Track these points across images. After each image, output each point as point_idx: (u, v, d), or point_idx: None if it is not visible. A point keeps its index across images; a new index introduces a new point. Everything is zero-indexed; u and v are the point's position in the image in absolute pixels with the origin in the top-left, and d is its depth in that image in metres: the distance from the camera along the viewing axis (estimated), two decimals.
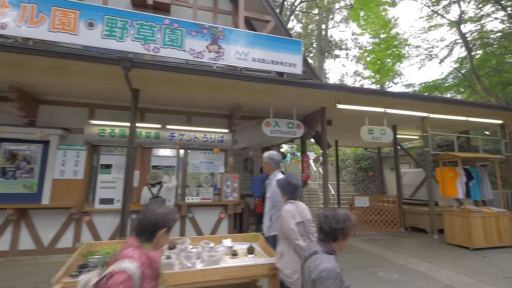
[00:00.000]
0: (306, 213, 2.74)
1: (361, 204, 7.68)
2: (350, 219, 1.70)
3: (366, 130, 6.61)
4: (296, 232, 2.56)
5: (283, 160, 22.75)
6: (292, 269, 2.53)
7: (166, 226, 1.62)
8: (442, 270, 4.81)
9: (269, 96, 5.77)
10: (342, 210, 1.74)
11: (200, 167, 6.38)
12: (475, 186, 7.09)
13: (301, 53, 5.72)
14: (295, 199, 2.78)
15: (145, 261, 1.52)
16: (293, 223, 2.58)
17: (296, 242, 2.53)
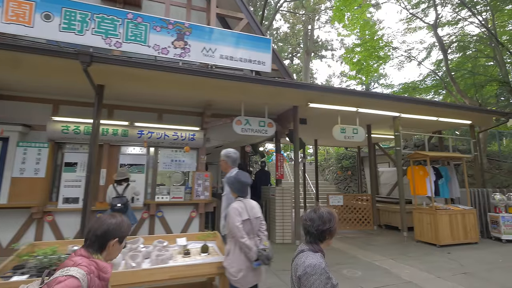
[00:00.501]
0: (255, 211, 2.70)
1: (335, 202, 7.76)
2: (334, 216, 1.69)
3: (338, 129, 6.67)
4: (241, 230, 2.52)
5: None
6: (237, 268, 2.50)
7: (117, 236, 1.56)
8: (406, 266, 4.89)
9: (240, 94, 5.74)
10: (325, 209, 1.70)
11: (171, 166, 6.28)
12: (444, 184, 7.27)
13: (270, 51, 5.71)
14: (245, 197, 2.74)
15: (94, 270, 1.46)
16: (238, 221, 2.55)
17: (241, 240, 2.50)
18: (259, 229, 2.72)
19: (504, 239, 6.71)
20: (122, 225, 1.59)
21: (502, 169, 10.87)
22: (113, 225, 1.56)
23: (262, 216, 2.87)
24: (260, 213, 2.75)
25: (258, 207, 2.78)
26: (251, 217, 2.63)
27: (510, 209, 7.04)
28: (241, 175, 2.80)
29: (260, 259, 2.51)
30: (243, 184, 2.73)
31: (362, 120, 7.72)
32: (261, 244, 2.62)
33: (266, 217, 7.04)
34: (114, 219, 1.60)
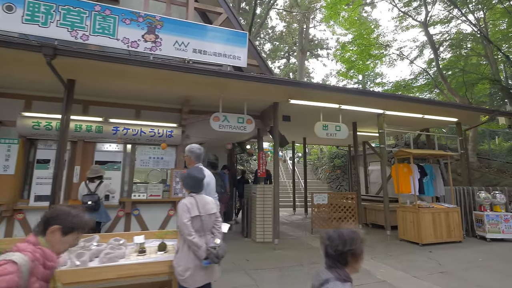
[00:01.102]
0: (209, 207, 2.58)
1: (319, 201, 7.64)
2: (358, 237, 1.47)
3: (320, 126, 6.56)
4: (188, 227, 2.41)
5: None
6: (184, 266, 2.39)
7: (60, 224, 1.45)
8: (384, 266, 4.79)
9: (218, 90, 5.62)
10: (347, 228, 1.51)
11: (149, 163, 6.16)
12: (428, 182, 7.17)
13: (246, 45, 5.59)
14: (198, 193, 2.62)
15: (38, 257, 1.39)
16: (186, 218, 2.43)
17: (188, 237, 2.38)
18: (213, 226, 2.62)
19: (488, 238, 6.62)
20: (71, 216, 1.49)
21: (492, 168, 10.79)
22: (61, 212, 1.49)
23: (218, 212, 2.76)
24: (215, 209, 2.64)
25: (213, 203, 2.67)
26: (202, 214, 2.51)
27: (496, 207, 6.95)
28: (194, 170, 2.69)
29: (209, 258, 2.40)
30: (196, 179, 2.60)
31: (347, 117, 7.63)
32: (213, 242, 2.51)
33: (247, 215, 6.93)
34: (69, 208, 1.52)
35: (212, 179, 3.52)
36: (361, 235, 1.48)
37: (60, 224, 1.45)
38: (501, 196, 6.88)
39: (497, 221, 6.69)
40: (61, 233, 1.46)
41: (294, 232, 7.76)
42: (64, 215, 1.48)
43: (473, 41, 14.12)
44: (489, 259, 5.23)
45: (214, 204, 2.68)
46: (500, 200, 6.85)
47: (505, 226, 6.66)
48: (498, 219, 6.70)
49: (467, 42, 14.40)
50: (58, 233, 1.45)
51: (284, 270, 4.52)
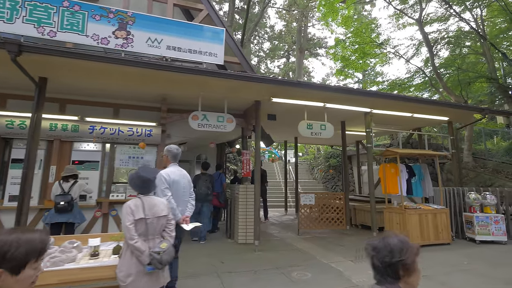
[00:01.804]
0: (157, 209, 2.44)
1: (306, 201, 7.50)
2: (409, 246, 1.27)
3: (304, 125, 6.41)
4: (131, 230, 2.28)
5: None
6: (126, 272, 2.26)
7: (5, 265, 1.03)
8: (362, 269, 4.64)
9: (196, 88, 5.50)
10: (396, 236, 1.31)
11: (128, 163, 6.05)
12: (417, 183, 7.00)
13: (223, 42, 5.46)
14: (146, 194, 2.49)
15: None
16: (129, 221, 2.30)
17: (130, 242, 2.26)
18: (164, 230, 2.49)
19: (478, 240, 6.44)
20: (15, 246, 1.04)
21: (487, 168, 10.57)
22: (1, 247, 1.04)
23: (171, 215, 2.63)
24: (165, 211, 2.50)
25: (164, 205, 2.53)
26: (149, 216, 2.37)
27: (486, 208, 6.77)
28: (142, 170, 2.54)
29: (152, 263, 2.27)
30: (142, 179, 2.46)
31: (336, 116, 7.49)
32: (158, 247, 2.38)
33: (230, 216, 6.81)
34: (10, 236, 1.06)
35: (182, 177, 3.41)
36: (413, 245, 1.29)
37: (3, 265, 1.03)
38: (492, 197, 6.69)
39: (487, 223, 6.51)
40: (10, 274, 1.04)
41: (281, 233, 7.62)
42: (6, 250, 1.04)
43: (470, 39, 13.89)
44: (475, 262, 5.06)
45: (164, 206, 2.55)
46: (491, 201, 6.66)
47: (495, 228, 6.47)
48: (488, 221, 6.51)
49: (465, 40, 14.16)
50: (7, 275, 1.03)
51: (259, 273, 4.39)
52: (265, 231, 7.88)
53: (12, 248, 1.03)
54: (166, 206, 2.57)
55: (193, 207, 3.43)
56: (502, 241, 6.42)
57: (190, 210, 3.36)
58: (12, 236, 1.05)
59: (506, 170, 10.18)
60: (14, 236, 1.06)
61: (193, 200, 3.46)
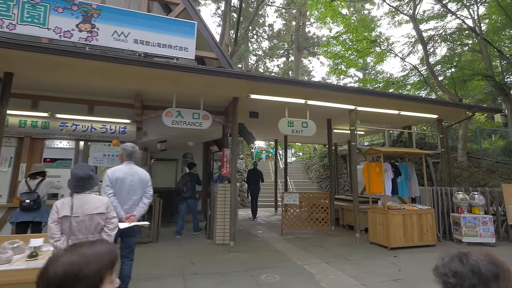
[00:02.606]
0: (89, 207, 2.33)
1: (290, 201, 7.31)
2: (506, 270, 0.87)
3: (285, 122, 6.24)
4: (52, 229, 2.19)
5: (256, 158, 22.47)
6: None
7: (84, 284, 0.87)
8: (336, 272, 4.45)
9: (170, 84, 5.34)
10: (483, 256, 0.89)
11: (103, 161, 5.91)
12: (403, 182, 6.78)
13: (194, 36, 5.28)
14: (80, 192, 2.38)
15: None
16: (52, 219, 2.21)
17: (51, 241, 2.15)
18: (102, 228, 2.38)
19: (465, 242, 6.22)
20: (85, 263, 0.89)
21: (481, 167, 10.30)
22: (72, 266, 0.86)
23: (111, 213, 2.48)
24: (100, 209, 2.37)
25: (101, 203, 2.41)
26: (77, 214, 2.27)
27: (474, 209, 6.54)
28: (75, 168, 2.46)
29: None
30: (75, 177, 2.37)
31: (321, 114, 7.31)
32: None
33: (210, 216, 6.64)
34: (73, 255, 0.90)
35: (131, 175, 3.27)
36: (507, 265, 0.89)
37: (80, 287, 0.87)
38: (480, 197, 6.46)
39: (475, 224, 6.28)
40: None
41: (265, 233, 7.45)
42: (76, 270, 0.86)
43: (466, 36, 13.59)
44: None
45: (102, 203, 2.42)
46: (479, 201, 6.44)
47: (483, 229, 6.25)
48: (475, 222, 6.29)
49: (463, 38, 13.87)
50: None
51: (226, 275, 4.22)
52: (249, 231, 7.71)
53: (83, 266, 0.87)
54: (105, 204, 2.44)
55: (145, 205, 3.29)
56: (490, 243, 6.20)
57: (140, 208, 3.22)
58: (75, 254, 0.90)
59: (501, 170, 9.91)
60: (78, 253, 0.91)
61: (147, 199, 3.31)
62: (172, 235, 6.94)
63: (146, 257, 5.05)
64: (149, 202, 3.33)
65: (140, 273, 4.18)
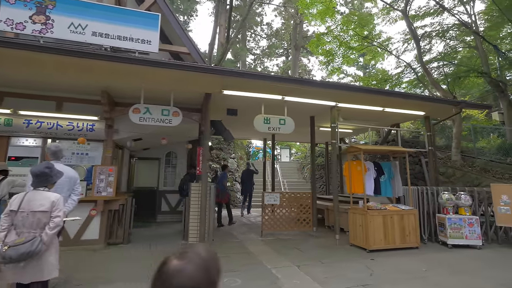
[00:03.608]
0: (35, 204, 2.46)
1: (271, 201, 7.08)
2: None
3: (261, 119, 6.01)
4: (1, 220, 2.44)
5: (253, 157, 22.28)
6: None
7: None
8: (303, 276, 4.21)
9: (137, 79, 5.14)
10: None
11: (71, 159, 5.72)
12: (386, 181, 6.52)
13: (158, 28, 5.08)
14: (35, 188, 2.60)
15: None
16: (4, 212, 2.46)
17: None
18: (44, 225, 2.48)
19: (450, 244, 5.93)
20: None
21: (475, 167, 9.97)
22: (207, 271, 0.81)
23: (56, 212, 2.54)
24: (45, 207, 2.48)
25: (48, 201, 2.51)
26: (23, 210, 2.42)
27: (460, 210, 6.25)
28: (35, 166, 2.81)
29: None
30: (31, 174, 2.64)
31: (304, 111, 7.09)
32: (12, 240, 2.33)
33: (186, 216, 6.43)
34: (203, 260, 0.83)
35: (64, 177, 3.20)
36: None
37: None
38: (466, 197, 6.17)
39: (460, 225, 5.99)
40: None
41: (245, 234, 7.23)
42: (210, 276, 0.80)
43: (462, 32, 13.22)
44: (435, 270, 4.58)
45: (49, 202, 2.51)
46: (465, 202, 6.14)
47: (469, 231, 5.96)
48: (461, 223, 6.00)
49: (458, 35, 13.50)
50: None
51: None
52: (230, 232, 7.50)
53: (205, 281, 0.79)
54: (52, 202, 2.51)
55: (74, 202, 3.50)
56: (477, 245, 5.90)
57: (69, 205, 3.41)
58: (198, 267, 0.79)
59: (495, 169, 9.57)
60: (200, 266, 0.80)
61: (76, 196, 3.53)
62: (149, 236, 6.75)
63: (107, 259, 4.86)
64: (78, 199, 3.56)
65: (96, 277, 4.00)
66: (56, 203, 2.52)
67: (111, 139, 5.89)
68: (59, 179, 2.97)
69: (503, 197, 6.14)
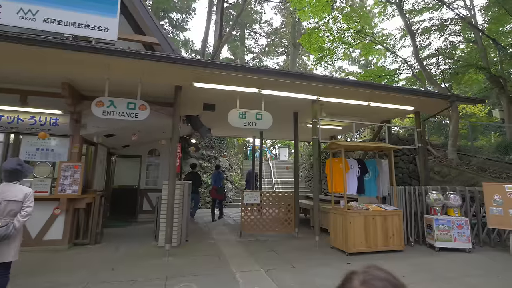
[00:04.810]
0: (9, 194, 2.78)
1: (250, 200, 6.75)
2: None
3: (236, 113, 5.68)
4: None
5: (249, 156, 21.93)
6: None
7: None
8: (267, 281, 3.88)
9: (100, 71, 4.84)
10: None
11: (35, 155, 5.46)
12: (371, 180, 6.14)
13: (117, 15, 4.77)
14: (8, 181, 2.85)
15: None
16: None
17: None
18: (15, 214, 2.78)
19: (437, 247, 5.55)
20: None
21: (472, 166, 9.52)
22: None
23: (28, 203, 2.86)
24: (17, 198, 2.79)
25: (19, 192, 2.83)
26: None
27: (449, 210, 5.85)
28: (6, 162, 2.97)
29: None
30: (3, 170, 2.87)
31: (287, 106, 6.78)
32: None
33: (156, 216, 6.14)
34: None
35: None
36: None
37: None
38: (456, 197, 5.77)
39: (448, 227, 5.60)
40: None
41: (224, 235, 6.91)
42: None
43: (462, 27, 12.74)
44: (416, 276, 4.21)
45: (20, 193, 2.83)
46: (454, 202, 5.75)
47: (458, 233, 5.56)
48: (449, 225, 5.61)
49: (456, 30, 13.03)
50: None
51: (137, 284, 3.70)
52: (209, 232, 7.20)
53: None
54: (25, 194, 2.85)
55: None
56: (466, 248, 5.50)
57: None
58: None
59: (492, 168, 9.12)
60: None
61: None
62: (123, 236, 6.48)
63: (66, 261, 4.58)
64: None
65: (46, 281, 3.72)
66: (28, 195, 2.87)
67: (78, 135, 5.62)
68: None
69: (495, 197, 5.73)
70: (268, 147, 28.84)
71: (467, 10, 12.00)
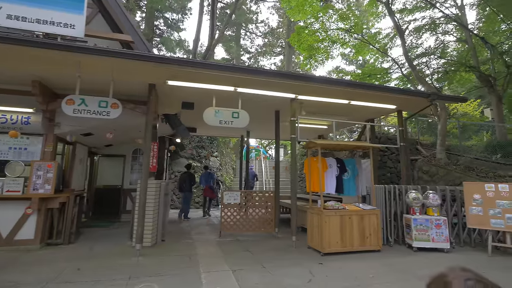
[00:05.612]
0: None
1: (230, 200, 6.68)
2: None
3: (212, 112, 5.62)
4: None
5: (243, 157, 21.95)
6: None
7: None
8: (231, 282, 3.81)
9: (71, 68, 4.78)
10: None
11: (8, 154, 5.40)
12: (350, 179, 6.07)
13: (83, 11, 4.72)
14: None
15: None
16: None
17: None
18: None
19: (415, 247, 5.48)
20: None
21: (459, 165, 9.44)
22: None
23: None
24: None
25: None
26: None
27: (428, 210, 5.79)
28: None
29: None
30: None
31: (268, 105, 6.72)
32: None
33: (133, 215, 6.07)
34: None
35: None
36: None
37: None
38: (435, 196, 5.70)
39: (427, 227, 5.53)
40: None
41: (203, 235, 6.85)
42: None
43: (453, 25, 12.67)
44: (386, 276, 4.14)
45: None
46: (433, 201, 5.68)
47: (436, 233, 5.49)
48: (427, 224, 5.54)
49: (448, 30, 12.95)
50: None
51: (100, 284, 3.63)
52: (189, 232, 7.14)
53: None
54: None
55: None
56: (444, 248, 5.43)
57: None
58: None
59: (480, 168, 9.05)
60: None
61: None
62: (100, 236, 6.42)
63: (35, 261, 4.51)
64: None
65: (8, 280, 3.65)
66: None
67: (52, 133, 5.56)
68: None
69: (475, 197, 5.66)
70: (264, 147, 28.79)
71: (457, 9, 11.93)
